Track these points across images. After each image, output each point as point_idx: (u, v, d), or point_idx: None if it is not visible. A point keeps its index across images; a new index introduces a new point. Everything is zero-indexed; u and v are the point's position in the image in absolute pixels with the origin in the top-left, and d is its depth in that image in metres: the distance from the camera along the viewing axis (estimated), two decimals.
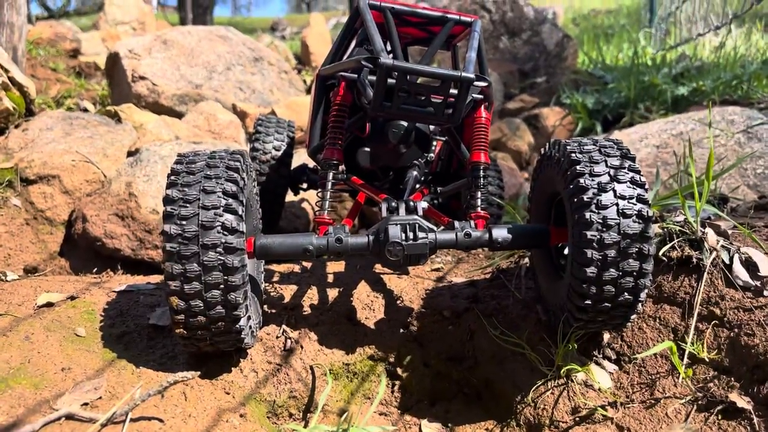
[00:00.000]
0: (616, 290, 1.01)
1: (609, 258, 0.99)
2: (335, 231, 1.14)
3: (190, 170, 1.03)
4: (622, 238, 0.99)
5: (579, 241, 1.01)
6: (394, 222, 1.13)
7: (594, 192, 1.00)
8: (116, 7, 7.40)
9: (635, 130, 3.15)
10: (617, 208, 0.99)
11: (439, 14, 1.35)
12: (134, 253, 2.05)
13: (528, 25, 4.75)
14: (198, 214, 0.98)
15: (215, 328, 1.03)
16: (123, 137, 2.53)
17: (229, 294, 1.00)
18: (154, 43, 3.18)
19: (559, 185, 1.10)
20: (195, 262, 0.97)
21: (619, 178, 1.02)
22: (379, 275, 1.46)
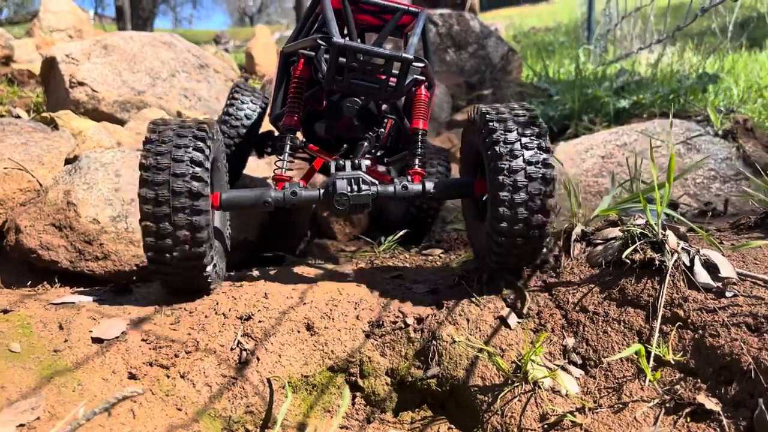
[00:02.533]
0: (525, 226, 1.19)
1: (518, 199, 1.18)
2: (291, 186, 1.31)
3: (161, 139, 1.18)
4: (528, 181, 1.18)
5: (494, 186, 1.20)
6: (341, 177, 1.30)
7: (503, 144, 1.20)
8: (51, 14, 7.12)
9: (581, 141, 3.22)
10: (523, 158, 1.19)
11: (391, 4, 1.51)
12: (73, 265, 1.93)
13: (474, 38, 4.81)
14: (169, 181, 1.14)
15: (186, 275, 1.22)
16: (60, 144, 2.39)
17: (195, 248, 1.17)
18: (93, 48, 3.05)
19: (480, 146, 1.27)
20: (167, 221, 1.15)
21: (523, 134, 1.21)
22: (338, 283, 1.41)
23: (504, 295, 1.31)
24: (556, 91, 4.25)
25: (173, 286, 1.29)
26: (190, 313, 1.22)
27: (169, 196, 1.14)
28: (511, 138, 1.20)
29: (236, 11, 39.35)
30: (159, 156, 1.15)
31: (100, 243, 1.92)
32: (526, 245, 1.23)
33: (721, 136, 2.92)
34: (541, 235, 1.22)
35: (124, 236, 1.92)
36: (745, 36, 5.48)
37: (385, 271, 1.56)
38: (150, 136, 1.19)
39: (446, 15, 4.81)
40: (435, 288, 1.40)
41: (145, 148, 1.17)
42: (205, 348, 1.14)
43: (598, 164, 2.88)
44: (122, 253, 1.91)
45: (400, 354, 1.25)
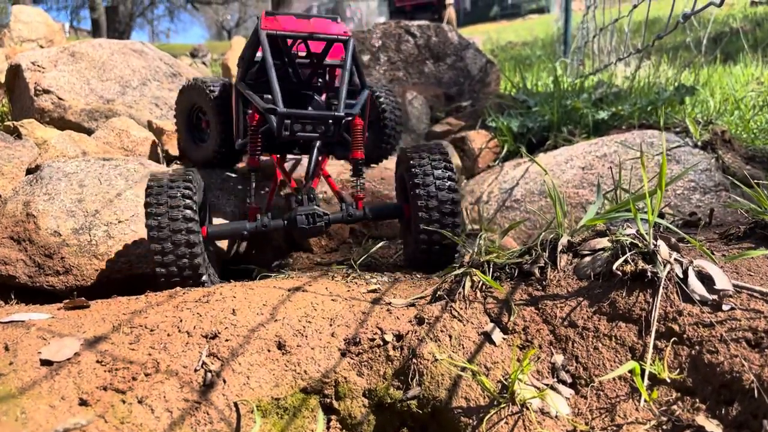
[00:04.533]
0: (431, 237, 1.56)
1: (430, 215, 1.56)
2: (261, 219, 1.66)
3: (160, 185, 1.51)
4: (439, 198, 1.56)
5: (416, 206, 1.57)
6: (301, 212, 1.64)
7: (421, 176, 1.58)
8: (22, 24, 6.98)
9: (560, 152, 3.19)
10: (435, 184, 1.57)
11: (321, 34, 1.76)
12: (31, 280, 1.82)
13: (452, 50, 4.78)
14: (168, 212, 1.47)
15: (185, 279, 1.49)
16: (22, 153, 2.28)
17: (194, 259, 1.48)
18: (60, 55, 2.94)
19: (404, 175, 1.65)
20: (169, 241, 1.46)
21: (436, 167, 1.59)
22: (311, 298, 1.33)
23: (488, 309, 1.24)
24: (535, 102, 4.23)
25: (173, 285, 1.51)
26: (151, 331, 1.13)
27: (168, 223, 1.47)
28: (426, 165, 1.60)
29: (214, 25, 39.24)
30: (159, 196, 1.49)
31: (61, 257, 1.82)
32: (441, 239, 1.57)
33: (701, 147, 2.91)
34: (453, 223, 1.59)
35: (87, 249, 1.82)
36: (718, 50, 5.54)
37: (362, 286, 1.48)
38: (151, 183, 1.52)
39: (424, 26, 4.78)
40: (415, 302, 1.32)
41: (148, 192, 1.50)
42: (167, 369, 1.05)
43: (579, 175, 2.84)
44: (85, 267, 1.81)
45: (379, 373, 1.17)
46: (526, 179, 3.03)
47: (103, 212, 1.89)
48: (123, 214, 1.90)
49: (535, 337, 1.16)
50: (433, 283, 1.46)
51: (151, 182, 1.52)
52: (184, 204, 1.48)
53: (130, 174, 2.03)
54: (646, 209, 1.16)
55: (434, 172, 1.58)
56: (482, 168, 3.65)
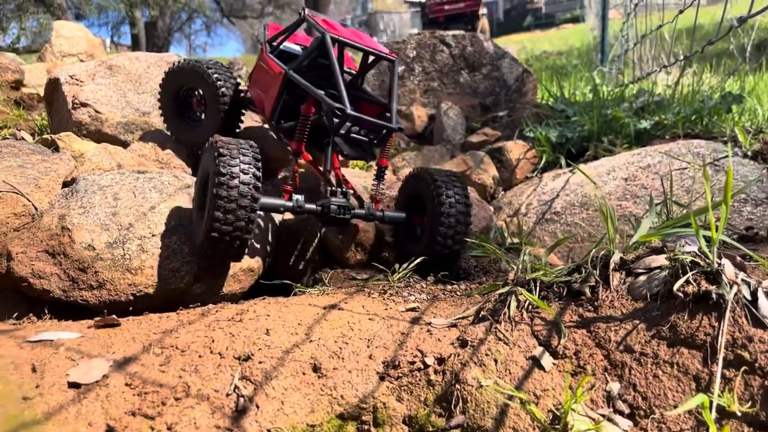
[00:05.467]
0: (453, 243, 1.86)
1: (451, 224, 1.86)
2: (296, 199, 1.80)
3: (231, 155, 1.58)
4: (458, 216, 1.87)
5: (439, 220, 1.85)
6: (334, 203, 1.81)
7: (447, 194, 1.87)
8: (63, 39, 7.13)
9: (601, 163, 3.08)
10: (456, 200, 1.88)
11: (374, 50, 2.01)
12: (65, 294, 1.80)
13: (488, 59, 4.71)
14: (238, 186, 1.54)
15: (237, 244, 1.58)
16: (59, 166, 2.29)
17: (246, 232, 1.57)
18: (98, 69, 2.96)
19: (426, 192, 1.94)
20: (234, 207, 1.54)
21: (457, 189, 1.91)
22: (348, 317, 1.27)
23: (536, 332, 1.16)
24: (574, 112, 4.12)
25: (222, 256, 1.65)
26: (182, 351, 1.08)
27: (237, 195, 1.54)
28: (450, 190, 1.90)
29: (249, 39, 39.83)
30: (230, 167, 1.56)
31: (95, 271, 1.80)
32: (453, 245, 1.87)
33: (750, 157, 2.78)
34: (464, 238, 1.89)
35: (121, 263, 1.80)
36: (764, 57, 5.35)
37: (400, 303, 1.42)
38: (222, 150, 1.58)
39: (459, 36, 4.72)
40: (457, 323, 1.25)
41: (220, 160, 1.56)
42: (198, 394, 1.00)
43: (621, 187, 2.74)
44: (118, 281, 1.78)
45: (419, 399, 1.10)
46: (566, 191, 2.93)
47: (137, 226, 1.87)
48: (157, 227, 1.87)
49: (588, 362, 1.08)
50: (474, 301, 1.39)
51: (227, 148, 1.60)
52: (253, 173, 1.57)
53: (164, 187, 2.01)
54: (705, 223, 1.08)
55: (455, 197, 1.89)
56: (520, 179, 3.56)
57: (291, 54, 2.35)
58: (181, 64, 2.48)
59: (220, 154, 1.58)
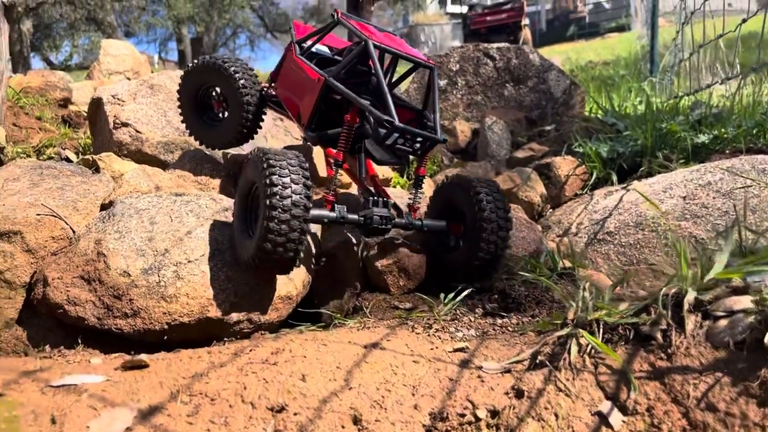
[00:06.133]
0: (496, 249, 1.86)
1: (493, 231, 1.85)
2: (339, 209, 1.77)
3: (281, 166, 1.57)
4: (499, 222, 1.86)
5: (481, 227, 1.86)
6: (377, 213, 1.79)
7: (487, 201, 1.88)
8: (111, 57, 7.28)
9: (657, 180, 2.92)
10: (496, 207, 1.88)
11: (414, 57, 2.00)
12: (100, 322, 1.75)
13: (534, 72, 4.57)
14: (291, 196, 1.53)
15: (290, 255, 1.57)
16: (98, 188, 2.26)
17: (299, 243, 1.56)
18: (140, 88, 2.95)
19: (463, 199, 1.95)
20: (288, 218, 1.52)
21: (497, 199, 1.91)
22: (390, 359, 1.17)
23: (601, 382, 1.04)
24: (625, 125, 3.95)
25: (272, 269, 1.67)
26: (211, 400, 1.00)
27: (290, 206, 1.54)
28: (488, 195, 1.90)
29: None
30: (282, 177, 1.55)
31: (129, 298, 1.74)
32: (496, 252, 1.88)
33: None
34: (503, 248, 1.91)
35: (156, 291, 1.74)
36: None
37: (447, 342, 1.31)
38: (272, 162, 1.57)
39: (504, 49, 4.60)
40: (511, 368, 1.14)
41: (270, 171, 1.55)
42: None
43: (680, 206, 2.57)
44: (153, 309, 1.72)
45: None
46: (619, 209, 2.77)
47: (173, 251, 1.81)
48: (193, 253, 1.81)
49: (664, 421, 0.95)
50: (529, 341, 1.27)
51: (277, 160, 1.59)
52: (303, 182, 1.57)
53: (201, 210, 1.95)
54: None
55: (496, 203, 1.89)
56: (569, 196, 3.41)
57: (319, 55, 2.29)
58: (198, 63, 2.40)
59: (269, 165, 1.57)
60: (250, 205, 1.79)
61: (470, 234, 1.90)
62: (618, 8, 25.10)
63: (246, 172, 1.77)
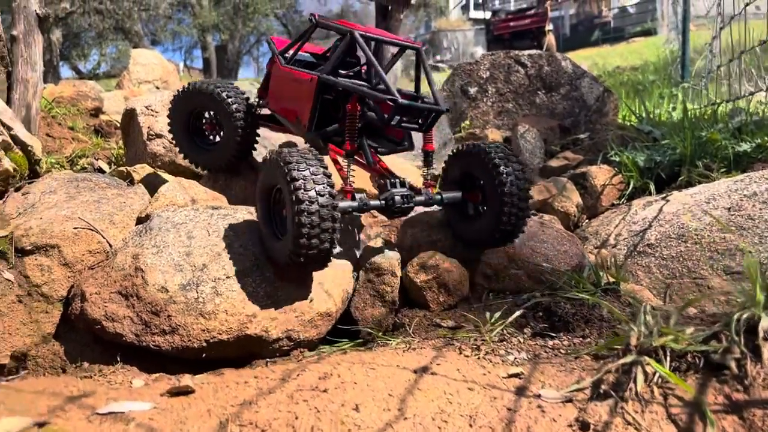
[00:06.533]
0: (517, 220, 1.88)
1: (513, 202, 1.86)
2: (360, 198, 1.78)
3: (298, 161, 1.58)
4: (519, 189, 1.87)
5: (501, 195, 1.87)
6: (397, 194, 1.82)
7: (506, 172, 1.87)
8: (140, 66, 7.36)
9: (698, 190, 2.83)
10: (514, 177, 1.87)
11: (400, 41, 2.03)
12: (138, 338, 1.72)
13: (566, 79, 4.50)
14: (317, 191, 1.54)
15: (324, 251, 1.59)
16: (133, 201, 2.25)
17: (333, 232, 1.57)
18: None
19: (480, 168, 1.95)
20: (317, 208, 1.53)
21: (515, 166, 1.90)
22: (444, 385, 1.12)
23: (672, 415, 0.98)
24: (662, 133, 3.85)
25: (311, 264, 1.65)
26: (262, 431, 0.96)
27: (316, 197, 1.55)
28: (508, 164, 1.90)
29: None
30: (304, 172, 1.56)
31: (167, 315, 1.72)
32: (517, 221, 1.90)
33: None
34: (525, 215, 1.92)
35: (194, 307, 1.71)
36: None
37: (499, 366, 1.26)
38: (289, 158, 1.59)
39: (536, 56, 4.53)
40: (572, 397, 1.08)
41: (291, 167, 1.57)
42: None
43: (724, 217, 2.48)
44: (191, 326, 1.69)
45: None
46: (660, 221, 2.69)
47: (211, 266, 1.78)
48: (231, 268, 1.78)
49: None
50: (587, 366, 1.21)
51: (292, 156, 1.60)
52: (323, 172, 1.58)
53: (238, 224, 1.92)
54: None
55: (513, 167, 1.89)
56: (605, 206, 3.33)
57: (303, 62, 2.32)
58: (186, 88, 2.38)
59: (287, 162, 1.59)
60: (273, 208, 1.80)
61: (491, 203, 1.92)
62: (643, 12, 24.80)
63: (263, 177, 1.78)
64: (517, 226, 1.92)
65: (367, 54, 1.91)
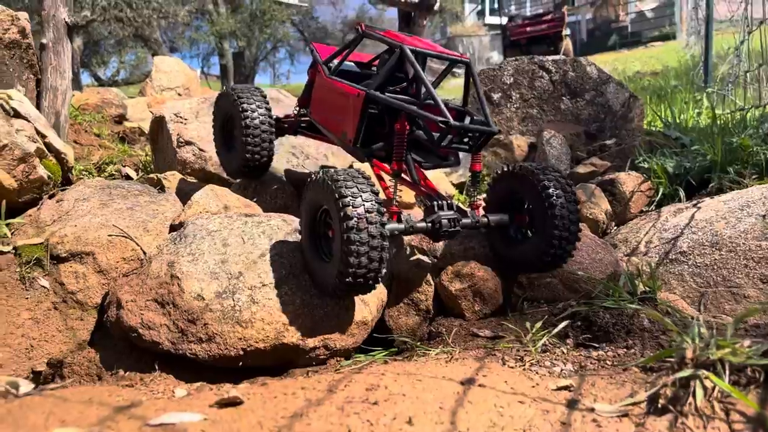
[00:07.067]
0: (567, 244, 1.84)
1: (564, 224, 1.81)
2: (406, 219, 1.74)
3: (345, 179, 1.56)
4: (569, 213, 1.83)
5: (551, 219, 1.81)
6: (444, 217, 1.76)
7: (556, 195, 1.82)
8: (163, 73, 7.41)
9: (732, 197, 2.78)
10: (564, 200, 1.82)
11: (450, 56, 1.99)
12: (174, 346, 1.72)
13: (591, 85, 4.46)
14: (365, 209, 1.51)
15: (373, 272, 1.54)
16: (166, 208, 2.25)
17: (382, 251, 1.54)
18: (201, 106, 2.96)
19: (528, 190, 1.89)
20: (366, 226, 1.50)
21: (566, 189, 1.85)
22: (493, 398, 1.10)
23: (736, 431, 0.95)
24: (691, 140, 3.81)
25: (359, 286, 1.58)
26: None
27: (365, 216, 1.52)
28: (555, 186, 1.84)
29: None
30: (352, 191, 1.53)
31: (204, 323, 1.71)
32: (568, 244, 1.85)
33: None
34: (576, 233, 1.87)
35: (231, 315, 1.71)
36: None
37: (546, 378, 1.23)
38: (339, 180, 1.56)
39: (560, 61, 4.50)
40: (627, 411, 1.06)
41: (341, 186, 1.54)
42: None
43: (759, 225, 2.44)
44: (227, 335, 1.69)
45: None
46: (692, 228, 2.65)
47: (247, 275, 1.78)
48: (267, 276, 1.78)
49: None
50: (637, 378, 1.18)
51: (339, 175, 1.58)
52: (371, 191, 1.55)
53: (273, 232, 1.91)
54: None
55: (564, 190, 1.84)
56: (634, 213, 3.29)
57: (348, 72, 2.29)
58: (222, 92, 2.44)
59: (334, 180, 1.56)
60: (318, 230, 1.75)
61: (540, 226, 1.86)
62: (661, 17, 24.60)
63: (308, 197, 1.73)
64: (567, 251, 1.86)
65: (417, 70, 1.87)
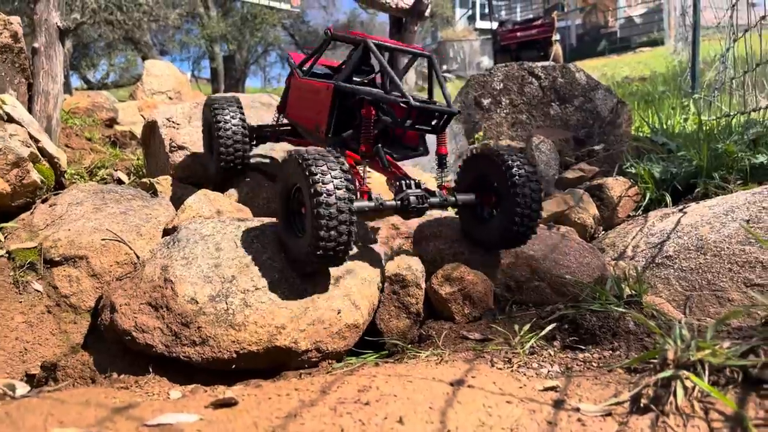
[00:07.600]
0: (529, 221, 1.93)
1: (527, 203, 1.91)
2: (376, 198, 1.84)
3: (315, 158, 1.64)
4: (531, 192, 1.93)
5: (514, 197, 1.91)
6: (411, 194, 1.88)
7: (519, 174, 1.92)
8: (154, 77, 7.42)
9: (716, 202, 2.84)
10: (527, 179, 1.92)
11: (411, 49, 2.13)
12: (168, 349, 1.74)
13: (580, 91, 4.52)
14: (334, 185, 1.59)
15: (342, 245, 1.63)
16: (159, 213, 2.28)
17: (351, 225, 1.62)
18: (193, 111, 2.98)
19: (493, 171, 1.99)
20: (335, 201, 1.59)
21: (528, 170, 1.95)
22: (482, 398, 1.13)
23: (714, 429, 0.99)
24: (677, 145, 3.87)
25: (329, 259, 1.67)
26: None
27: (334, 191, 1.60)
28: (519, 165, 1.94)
29: None
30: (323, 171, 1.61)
31: (197, 326, 1.74)
32: (530, 220, 1.94)
33: None
34: (538, 212, 1.96)
35: (224, 318, 1.73)
36: None
37: (533, 379, 1.27)
38: (308, 158, 1.64)
39: (549, 68, 4.56)
40: (611, 410, 1.10)
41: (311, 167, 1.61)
42: None
43: (743, 230, 2.49)
44: (221, 338, 1.71)
45: None
46: (678, 233, 2.70)
47: (240, 278, 1.80)
48: (260, 280, 1.80)
49: None
50: (621, 379, 1.22)
51: (310, 154, 1.66)
52: (344, 176, 1.62)
53: (265, 237, 1.94)
54: None
55: (527, 170, 1.93)
56: (622, 218, 3.34)
57: (319, 74, 2.42)
58: (205, 101, 2.60)
59: (304, 159, 1.64)
60: (292, 207, 1.85)
61: (504, 204, 1.97)
62: (649, 23, 24.82)
63: (282, 177, 1.84)
64: (530, 228, 1.96)
65: (380, 60, 1.97)
